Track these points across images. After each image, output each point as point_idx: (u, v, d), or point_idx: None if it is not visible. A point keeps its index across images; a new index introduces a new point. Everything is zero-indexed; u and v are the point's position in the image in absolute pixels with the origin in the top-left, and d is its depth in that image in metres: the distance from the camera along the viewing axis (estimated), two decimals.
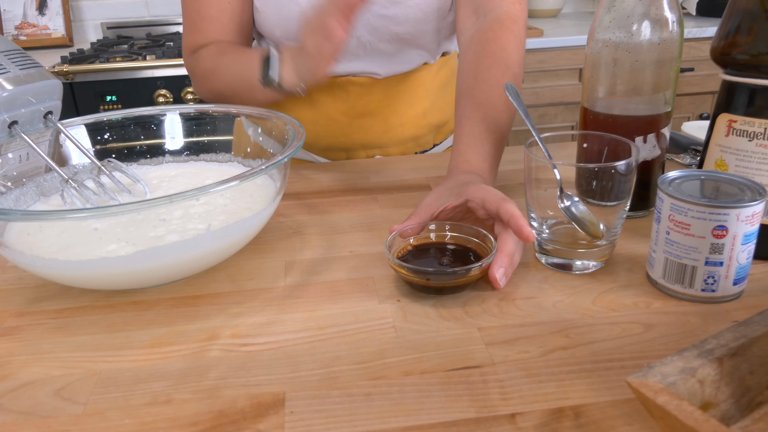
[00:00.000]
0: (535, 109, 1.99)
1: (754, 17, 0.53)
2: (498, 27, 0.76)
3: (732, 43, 0.55)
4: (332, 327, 0.50)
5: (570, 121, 2.05)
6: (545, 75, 1.97)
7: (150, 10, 2.32)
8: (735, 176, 0.52)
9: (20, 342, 0.50)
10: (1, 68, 0.62)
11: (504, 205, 0.54)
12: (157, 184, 0.67)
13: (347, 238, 0.65)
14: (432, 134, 0.97)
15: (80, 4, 2.28)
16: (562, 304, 0.52)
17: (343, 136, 0.92)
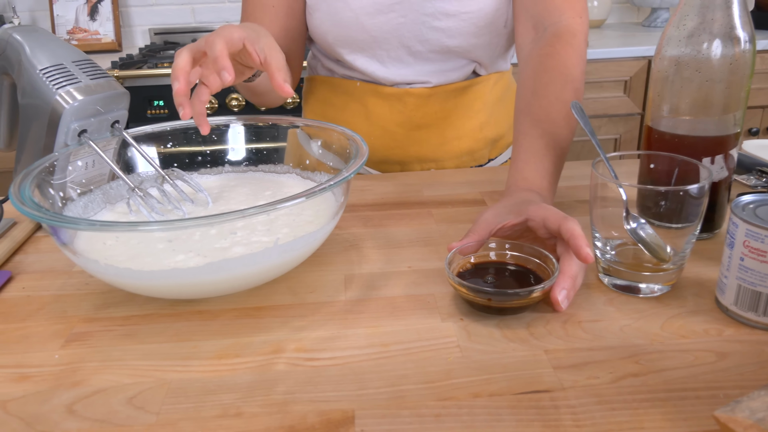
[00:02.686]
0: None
1: None
2: (557, 42, 0.76)
3: None
4: (396, 344, 0.50)
5: (613, 134, 2.03)
6: (589, 87, 1.95)
7: (196, 17, 2.36)
8: None
9: (90, 348, 0.51)
10: (72, 78, 0.64)
11: (565, 224, 0.54)
12: (219, 194, 0.68)
13: (405, 253, 0.65)
14: (488, 149, 0.97)
15: (129, 10, 2.33)
16: (630, 329, 0.51)
17: (398, 148, 0.92)
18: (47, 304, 0.58)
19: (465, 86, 0.92)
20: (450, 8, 0.84)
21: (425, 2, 0.84)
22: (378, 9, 0.84)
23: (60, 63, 0.64)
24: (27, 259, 0.67)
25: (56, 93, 0.62)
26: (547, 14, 0.78)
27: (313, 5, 0.86)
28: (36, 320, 0.56)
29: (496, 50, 0.89)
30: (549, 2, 0.78)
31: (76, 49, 0.67)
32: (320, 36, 0.88)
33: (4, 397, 0.46)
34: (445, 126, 0.93)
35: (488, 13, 0.84)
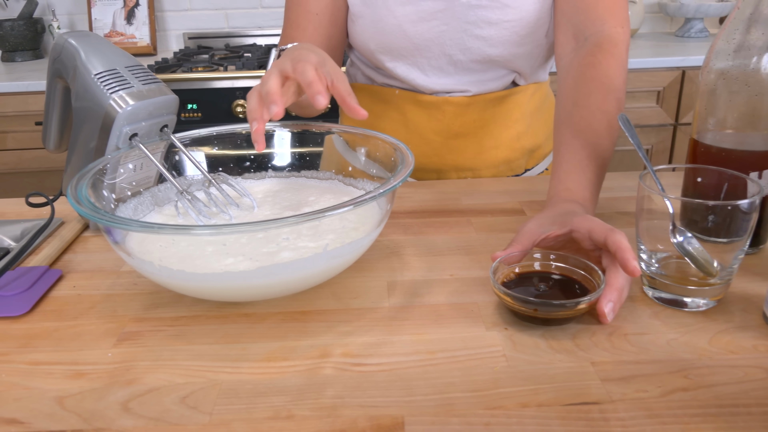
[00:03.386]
0: None
1: None
2: (599, 51, 0.75)
3: None
4: (442, 352, 0.50)
5: (645, 144, 2.01)
6: None
7: (229, 22, 2.40)
8: None
9: (142, 347, 0.53)
10: (125, 83, 0.65)
11: (612, 236, 0.54)
12: (263, 199, 0.69)
13: (446, 261, 0.65)
14: (525, 158, 0.97)
15: (164, 15, 2.37)
16: (677, 343, 0.51)
17: (435, 156, 0.93)
18: (98, 303, 0.60)
19: (504, 96, 0.92)
20: (492, 16, 0.84)
21: (468, 10, 0.84)
22: (421, 17, 0.85)
23: (114, 68, 0.66)
24: (76, 258, 0.69)
25: (110, 97, 0.64)
26: (588, 23, 0.78)
27: (357, 13, 0.87)
28: (88, 319, 0.57)
29: (537, 60, 0.90)
30: (590, 12, 0.78)
31: (128, 55, 0.69)
32: (362, 43, 0.89)
33: (61, 393, 0.47)
34: (482, 135, 0.94)
35: (530, 23, 0.84)
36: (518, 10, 0.83)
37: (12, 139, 1.93)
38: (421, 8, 0.85)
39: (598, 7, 0.78)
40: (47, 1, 2.35)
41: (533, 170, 0.99)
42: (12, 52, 2.26)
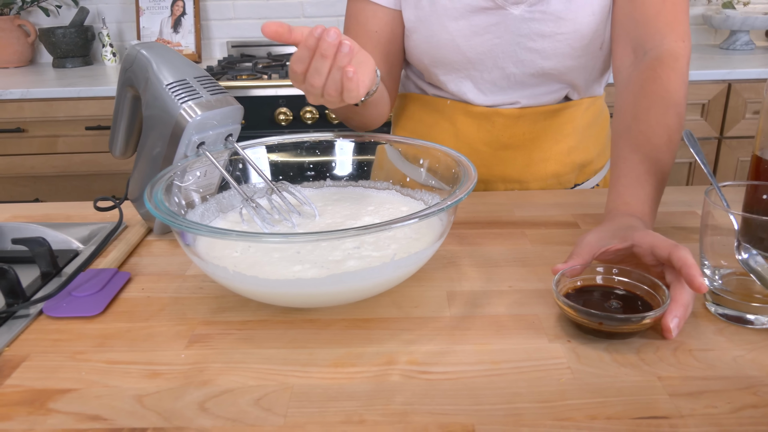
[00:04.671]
0: None
1: None
2: (659, 66, 0.75)
3: None
4: (507, 362, 0.51)
5: (689, 158, 1.99)
6: None
7: None
8: None
9: (213, 350, 0.54)
10: (194, 93, 0.67)
11: (676, 252, 0.54)
12: (323, 207, 0.70)
13: (504, 272, 0.66)
14: (575, 173, 0.97)
15: (209, 24, 2.42)
16: (743, 360, 0.50)
17: (484, 167, 0.94)
18: (167, 306, 0.62)
19: (556, 109, 0.92)
20: (545, 29, 0.85)
21: (521, 23, 0.85)
22: (474, 31, 0.86)
23: (184, 78, 0.68)
24: (141, 261, 0.72)
25: (180, 107, 0.66)
26: (648, 37, 0.78)
27: (411, 28, 0.88)
28: (159, 320, 0.59)
29: (592, 74, 0.90)
30: (651, 25, 0.78)
31: (196, 66, 0.72)
32: (416, 57, 0.91)
33: (140, 392, 0.49)
34: (532, 147, 0.94)
35: (585, 35, 0.85)
36: (572, 22, 0.84)
37: (62, 143, 1.99)
38: (473, 23, 0.86)
39: (659, 21, 0.78)
40: (97, 10, 2.42)
41: (583, 185, 0.99)
42: (63, 59, 2.33)
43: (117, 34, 2.45)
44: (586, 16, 0.83)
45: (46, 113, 1.95)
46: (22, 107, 1.94)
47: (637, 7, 0.79)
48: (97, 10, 2.42)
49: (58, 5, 2.40)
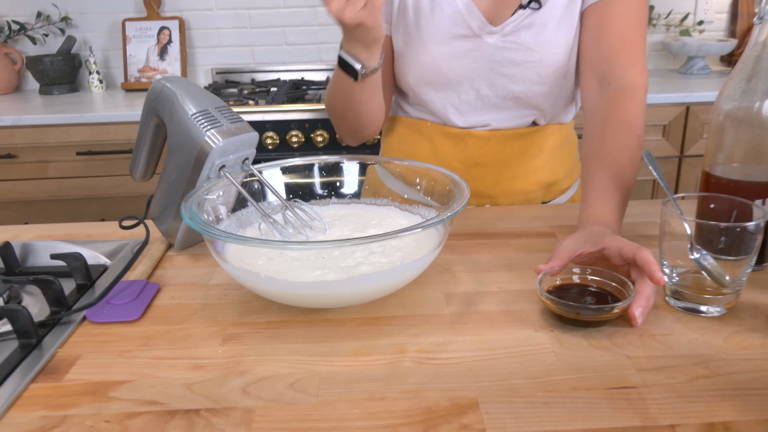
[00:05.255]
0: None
1: None
2: (621, 96, 0.86)
3: None
4: (501, 349, 0.60)
5: (652, 176, 2.12)
6: None
7: (255, 58, 2.53)
8: None
9: (245, 345, 0.62)
10: (216, 122, 0.76)
11: (639, 252, 0.64)
12: (331, 222, 0.79)
13: (492, 276, 0.75)
14: (541, 191, 1.07)
15: (194, 51, 2.51)
16: (697, 342, 0.60)
17: None
18: (197, 311, 0.69)
19: (523, 133, 1.03)
20: (516, 57, 0.96)
21: (495, 51, 0.96)
22: (453, 56, 0.97)
23: (206, 109, 0.77)
24: (166, 273, 0.79)
25: (205, 135, 0.74)
26: (611, 71, 0.89)
27: (400, 51, 1.00)
28: (192, 323, 0.67)
29: (557, 101, 1.01)
30: (613, 61, 0.89)
31: (215, 97, 0.80)
32: (403, 78, 1.02)
33: (188, 381, 0.57)
34: (501, 166, 1.05)
35: (550, 65, 0.96)
36: (539, 53, 0.95)
37: (53, 168, 2.04)
38: (453, 48, 0.97)
39: (620, 57, 0.89)
40: (84, 38, 2.49)
41: (551, 203, 1.09)
42: (50, 86, 2.39)
43: (103, 61, 2.51)
44: (552, 48, 0.95)
45: (37, 139, 2.00)
46: (13, 134, 2.00)
47: (602, 45, 0.91)
48: (84, 39, 2.49)
49: (45, 34, 2.46)
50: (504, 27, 0.95)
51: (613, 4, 0.91)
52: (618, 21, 0.91)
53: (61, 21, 2.44)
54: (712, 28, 2.56)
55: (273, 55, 2.53)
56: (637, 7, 0.91)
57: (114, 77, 2.54)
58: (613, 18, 0.91)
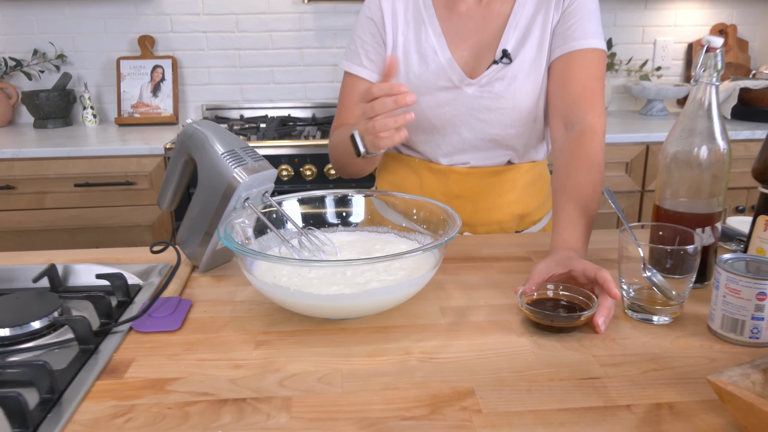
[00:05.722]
0: None
1: None
2: (583, 137, 1.01)
3: (763, 168, 0.78)
4: (490, 350, 0.73)
5: None
6: None
7: (244, 95, 2.66)
8: None
9: (275, 350, 0.74)
10: (242, 161, 0.88)
11: (600, 272, 0.77)
12: (340, 246, 0.91)
13: (480, 293, 0.88)
14: (515, 222, 1.21)
15: (186, 88, 2.63)
16: (649, 344, 0.74)
17: None
18: (228, 323, 0.81)
19: (499, 170, 1.18)
20: (491, 105, 1.11)
21: (473, 100, 1.11)
22: (438, 104, 1.12)
23: (233, 149, 0.89)
24: (195, 292, 0.90)
25: (233, 172, 0.87)
26: (574, 115, 1.05)
27: None
28: (226, 332, 0.78)
29: (529, 141, 1.16)
30: (575, 107, 1.05)
31: (239, 138, 0.92)
32: None
33: (231, 377, 0.68)
34: (478, 199, 1.19)
35: (521, 110, 1.11)
36: (511, 100, 1.10)
37: (51, 199, 2.13)
38: (438, 97, 1.12)
39: (582, 103, 1.04)
40: (78, 74, 2.59)
41: (523, 233, 1.23)
42: (45, 120, 2.48)
43: (96, 97, 2.62)
44: (522, 96, 1.10)
45: (36, 171, 2.09)
46: (12, 166, 2.08)
47: (565, 93, 1.06)
48: (78, 75, 2.59)
49: (41, 70, 2.56)
50: (480, 79, 1.10)
51: (574, 58, 1.07)
52: (579, 72, 1.06)
53: (57, 58, 2.55)
54: (669, 73, 2.78)
55: (261, 92, 2.67)
56: (594, 60, 1.07)
57: (107, 112, 2.64)
58: (575, 70, 1.07)
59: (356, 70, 1.17)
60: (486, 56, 1.12)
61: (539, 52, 1.10)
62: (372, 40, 1.16)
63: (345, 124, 1.17)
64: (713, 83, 0.83)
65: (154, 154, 2.11)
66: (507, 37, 1.11)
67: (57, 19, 2.53)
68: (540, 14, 1.10)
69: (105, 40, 2.57)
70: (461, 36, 1.13)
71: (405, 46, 1.14)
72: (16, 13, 2.52)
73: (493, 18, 1.12)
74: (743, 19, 2.76)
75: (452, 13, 1.14)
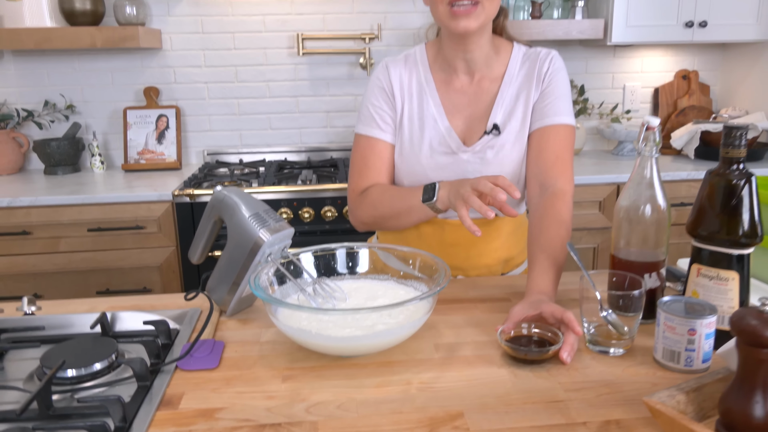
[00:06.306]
0: None
1: (706, 209, 0.95)
2: (554, 199, 1.19)
3: (696, 224, 0.97)
4: (476, 380, 0.89)
5: (592, 243, 2.47)
6: None
7: (243, 140, 2.84)
8: (702, 301, 0.92)
9: (299, 383, 0.90)
10: (265, 222, 1.05)
11: (564, 314, 0.95)
12: (349, 292, 1.08)
13: (467, 332, 1.05)
14: (501, 265, 1.39)
15: (188, 135, 2.80)
16: (605, 372, 0.91)
17: None
18: (258, 361, 0.96)
19: (487, 222, 1.35)
20: (483, 169, 1.29)
21: (467, 164, 1.29)
22: (438, 166, 1.30)
23: (257, 212, 1.06)
24: (225, 334, 1.06)
25: (258, 232, 1.03)
26: (547, 180, 1.23)
27: (398, 159, 1.31)
28: (256, 369, 0.94)
29: (512, 199, 1.34)
30: (548, 173, 1.23)
31: (262, 202, 1.09)
32: (399, 179, 1.34)
33: (266, 406, 0.84)
34: (470, 246, 1.36)
35: (506, 173, 1.29)
36: (499, 166, 1.28)
37: (65, 243, 2.27)
38: (437, 161, 1.29)
39: (554, 170, 1.23)
40: (86, 123, 2.76)
41: (509, 274, 1.41)
42: (55, 167, 2.63)
43: (103, 143, 2.78)
44: (508, 162, 1.28)
45: (51, 218, 2.24)
46: (29, 213, 2.23)
47: (540, 160, 1.25)
48: (86, 124, 2.76)
49: (51, 120, 2.72)
50: (474, 147, 1.28)
51: (549, 132, 1.26)
52: (552, 144, 1.25)
53: (66, 108, 2.71)
54: (638, 115, 3.00)
55: (259, 138, 2.85)
56: (565, 134, 1.26)
57: (113, 158, 2.80)
58: (549, 141, 1.25)
59: (375, 133, 1.34)
60: (478, 127, 1.30)
61: (523, 125, 1.29)
62: (386, 105, 1.34)
63: (376, 184, 1.32)
64: (653, 155, 1.01)
65: (162, 200, 2.27)
66: (496, 112, 1.29)
67: (67, 72, 2.71)
68: (523, 93, 1.29)
69: (112, 91, 2.74)
70: (457, 108, 1.31)
71: (410, 113, 1.32)
72: (28, 66, 2.69)
73: (483, 94, 1.31)
74: (704, 65, 3.00)
75: (449, 87, 1.32)
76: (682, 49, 2.96)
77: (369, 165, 1.33)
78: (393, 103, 1.34)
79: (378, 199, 1.30)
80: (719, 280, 0.95)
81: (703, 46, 2.95)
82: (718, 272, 0.95)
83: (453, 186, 1.13)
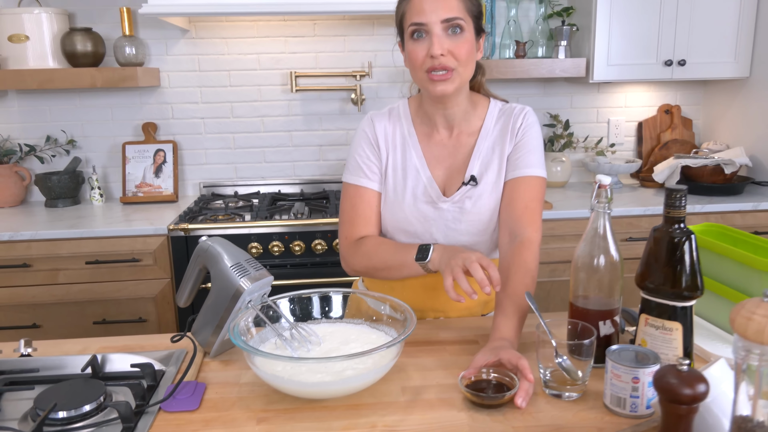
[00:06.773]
0: (548, 265, 2.49)
1: (652, 263, 1.03)
2: (521, 247, 1.27)
3: (643, 276, 1.04)
4: (436, 423, 0.96)
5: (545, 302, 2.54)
6: (555, 239, 2.49)
7: (237, 173, 2.93)
8: (647, 350, 0.99)
9: (273, 425, 0.97)
10: (246, 271, 1.13)
11: (520, 360, 1.02)
12: (323, 336, 1.15)
13: (433, 374, 1.12)
14: (480, 307, 1.46)
15: (184, 168, 2.89)
16: (557, 416, 0.98)
17: (420, 302, 1.41)
18: (236, 402, 1.04)
19: None
20: (461, 218, 1.37)
21: (447, 213, 1.37)
22: (420, 214, 1.38)
23: (239, 262, 1.14)
24: (207, 375, 1.13)
25: (239, 281, 1.11)
26: (516, 228, 1.31)
27: (383, 207, 1.39)
28: (234, 411, 1.01)
29: (488, 246, 1.42)
30: (518, 222, 1.31)
31: (244, 252, 1.17)
32: (384, 225, 1.42)
33: None
34: None
35: (483, 222, 1.37)
36: (477, 215, 1.36)
37: (63, 275, 2.35)
38: (419, 209, 1.38)
39: (523, 220, 1.30)
40: (86, 157, 2.85)
41: (487, 315, 1.48)
42: (55, 200, 2.72)
43: (103, 177, 2.87)
44: (485, 212, 1.36)
45: (51, 251, 2.32)
46: (30, 246, 2.31)
47: (511, 210, 1.33)
48: (86, 158, 2.85)
49: (52, 155, 2.82)
50: (453, 197, 1.37)
51: (520, 183, 1.34)
52: (523, 194, 1.33)
53: (67, 143, 2.81)
54: (623, 149, 3.09)
55: (253, 171, 2.94)
56: (536, 185, 1.34)
57: (112, 191, 2.89)
58: (520, 192, 1.34)
59: (362, 182, 1.41)
60: (456, 178, 1.38)
61: (498, 176, 1.37)
62: (372, 156, 1.42)
63: (370, 235, 1.40)
64: (606, 212, 1.09)
65: (158, 234, 2.35)
66: (473, 164, 1.38)
67: (68, 108, 2.81)
68: (497, 146, 1.38)
69: (112, 126, 2.84)
70: (438, 159, 1.40)
71: (394, 164, 1.41)
72: (31, 104, 2.79)
73: (461, 147, 1.40)
74: (687, 100, 3.09)
75: (430, 140, 1.41)
76: (665, 85, 3.05)
77: (359, 213, 1.40)
78: (378, 154, 1.42)
79: (373, 251, 1.36)
80: (665, 330, 1.02)
81: (685, 82, 3.05)
82: (663, 323, 1.02)
83: (446, 252, 1.21)
